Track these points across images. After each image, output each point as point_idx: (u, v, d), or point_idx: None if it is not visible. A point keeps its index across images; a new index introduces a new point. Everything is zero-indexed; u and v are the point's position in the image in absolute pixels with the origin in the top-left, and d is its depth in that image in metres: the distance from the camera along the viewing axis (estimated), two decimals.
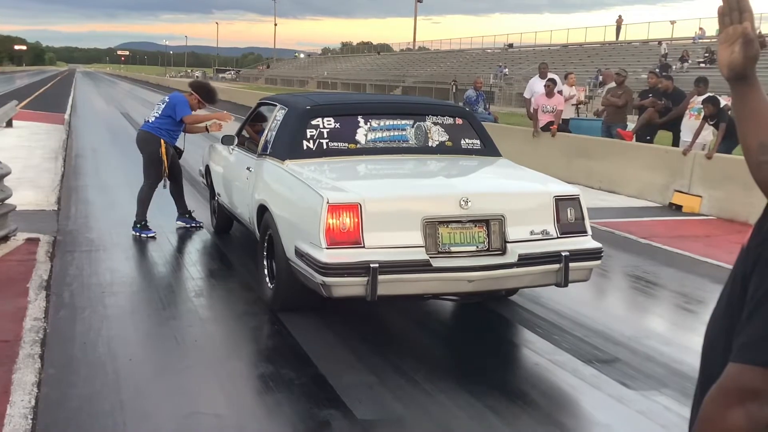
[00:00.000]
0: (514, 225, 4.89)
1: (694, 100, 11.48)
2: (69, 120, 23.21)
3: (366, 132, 5.86)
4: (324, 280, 4.59)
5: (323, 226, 4.64)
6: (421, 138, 5.97)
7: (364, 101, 6.68)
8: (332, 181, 5.21)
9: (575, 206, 5.12)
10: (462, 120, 6.22)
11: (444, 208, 4.82)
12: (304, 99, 6.34)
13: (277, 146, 5.92)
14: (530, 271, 4.87)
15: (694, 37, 50.39)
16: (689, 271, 7.20)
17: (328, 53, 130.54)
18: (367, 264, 4.53)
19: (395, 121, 5.98)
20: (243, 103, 38.46)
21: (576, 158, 12.94)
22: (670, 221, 9.90)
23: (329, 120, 5.83)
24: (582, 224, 5.15)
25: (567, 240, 5.00)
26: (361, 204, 4.69)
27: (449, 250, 4.78)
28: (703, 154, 10.53)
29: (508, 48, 68.81)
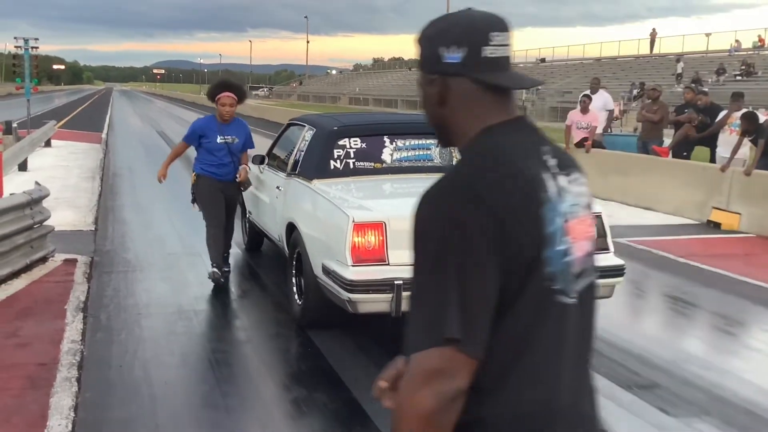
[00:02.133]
0: None
1: (733, 116, 11.38)
2: (106, 139, 23.70)
3: (391, 151, 5.99)
4: (350, 297, 4.71)
5: (349, 244, 4.77)
6: (445, 157, 6.08)
7: (390, 121, 6.79)
8: (358, 200, 5.34)
9: (597, 223, 5.17)
10: None
11: None
12: (331, 120, 6.49)
13: (305, 166, 6.07)
14: None
15: (730, 50, 49.83)
16: (728, 292, 7.12)
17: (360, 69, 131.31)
18: (392, 281, 4.65)
19: (420, 140, 6.10)
20: (276, 120, 38.88)
21: (612, 175, 12.87)
22: (709, 239, 9.79)
23: (356, 140, 5.97)
24: (604, 241, 5.20)
25: None
26: (385, 222, 4.81)
27: None
28: (742, 171, 10.42)
29: (540, 62, 68.71)
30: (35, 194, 7.11)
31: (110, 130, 28.80)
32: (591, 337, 1.57)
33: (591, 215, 1.57)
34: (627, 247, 8.66)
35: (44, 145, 18.91)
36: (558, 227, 1.41)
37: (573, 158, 1.60)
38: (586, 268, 1.51)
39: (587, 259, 1.52)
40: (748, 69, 42.02)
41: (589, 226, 1.54)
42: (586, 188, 1.57)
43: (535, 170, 1.43)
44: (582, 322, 1.50)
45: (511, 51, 1.51)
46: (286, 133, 7.35)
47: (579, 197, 1.51)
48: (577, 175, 1.54)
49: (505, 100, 1.52)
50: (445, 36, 1.48)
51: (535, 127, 1.55)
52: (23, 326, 5.43)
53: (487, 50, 1.46)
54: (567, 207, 1.45)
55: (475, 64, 1.46)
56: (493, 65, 1.47)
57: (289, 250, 5.95)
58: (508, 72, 1.51)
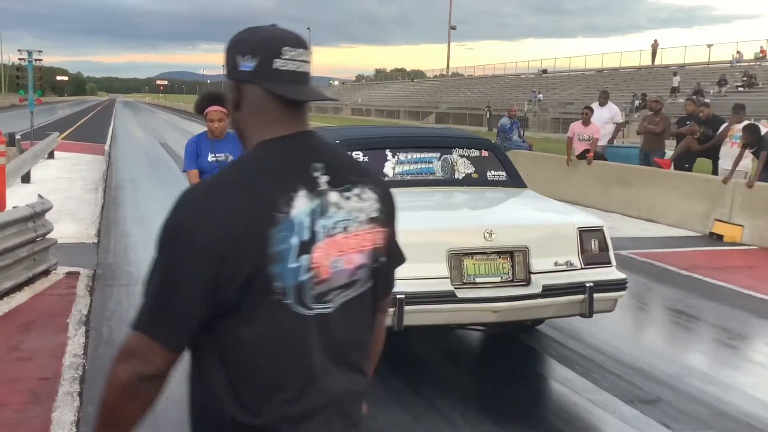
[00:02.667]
0: (538, 256, 4.97)
1: (734, 128, 11.40)
2: (109, 150, 23.74)
3: (394, 165, 5.99)
4: None
5: None
6: (447, 170, 6.09)
7: (392, 135, 6.81)
8: None
9: (599, 237, 5.17)
10: (488, 152, 6.33)
11: (469, 240, 4.92)
12: (333, 133, 6.50)
13: None
14: (554, 302, 4.94)
15: (732, 61, 49.96)
16: (731, 305, 7.12)
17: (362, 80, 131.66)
18: (394, 295, 4.63)
19: (422, 154, 6.11)
20: None
21: (613, 186, 12.91)
22: (712, 251, 9.80)
23: (358, 154, 5.97)
24: (606, 255, 5.19)
25: (591, 271, 5.05)
26: None
27: (474, 281, 4.87)
28: (744, 183, 10.45)
29: (542, 73, 68.87)
30: (38, 207, 7.13)
31: (113, 142, 28.86)
32: (358, 344, 1.67)
33: (374, 228, 1.65)
34: (630, 260, 8.67)
35: (47, 156, 18.95)
36: (292, 246, 1.50)
37: (363, 172, 1.69)
38: (358, 279, 1.62)
39: (359, 271, 1.62)
40: (749, 80, 42.13)
41: (365, 239, 1.62)
42: (373, 203, 1.65)
43: (282, 191, 1.52)
44: (343, 330, 1.60)
45: (306, 67, 1.61)
46: None
47: (355, 212, 1.60)
48: (359, 190, 1.63)
49: (295, 112, 1.62)
50: (242, 46, 1.60)
51: (313, 144, 1.63)
52: (25, 340, 5.44)
53: (278, 62, 1.57)
54: (328, 223, 1.55)
55: (266, 73, 1.57)
56: (283, 77, 1.57)
57: None
58: (299, 86, 1.59)
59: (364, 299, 1.66)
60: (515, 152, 15.75)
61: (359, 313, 1.66)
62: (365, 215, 1.63)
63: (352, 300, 1.62)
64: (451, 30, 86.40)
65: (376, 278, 1.69)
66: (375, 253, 1.66)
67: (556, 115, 47.54)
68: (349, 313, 1.61)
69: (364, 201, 1.63)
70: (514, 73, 76.38)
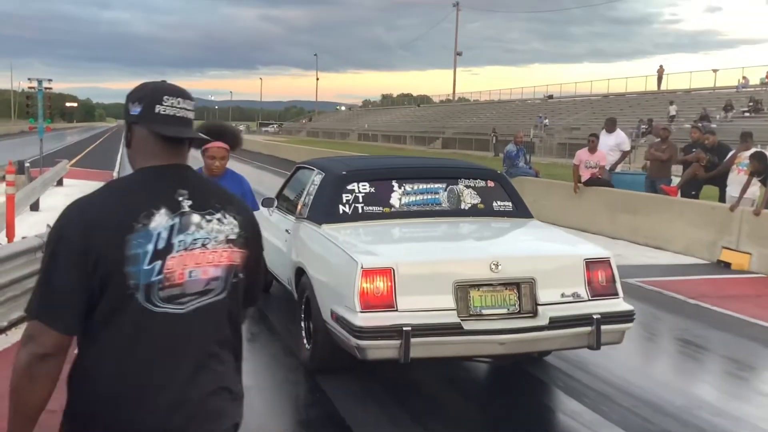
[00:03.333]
0: (545, 288, 4.97)
1: (741, 155, 11.42)
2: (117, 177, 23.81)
3: (400, 196, 6.02)
4: (358, 344, 4.71)
5: (358, 290, 4.78)
6: (453, 201, 6.12)
7: (398, 166, 6.85)
8: (366, 245, 5.37)
9: (606, 268, 5.18)
10: (494, 183, 6.36)
11: (475, 271, 4.93)
12: (340, 164, 6.54)
13: (314, 210, 6.11)
14: (562, 334, 4.93)
15: (738, 86, 49.92)
16: (740, 335, 7.11)
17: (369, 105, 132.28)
18: (400, 327, 4.65)
19: (428, 184, 6.15)
20: (285, 157, 39.11)
21: (620, 213, 12.91)
22: (719, 279, 9.77)
23: (364, 185, 6.01)
24: (613, 286, 5.19)
25: (598, 302, 5.06)
26: (394, 268, 4.82)
27: (480, 312, 4.87)
28: (751, 210, 10.44)
29: (547, 99, 69.03)
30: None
31: (122, 168, 28.99)
32: (214, 343, 1.98)
33: (231, 248, 1.99)
34: (638, 289, 8.65)
35: (56, 184, 19.04)
36: (147, 251, 1.85)
37: (227, 201, 2.05)
38: (212, 289, 1.96)
39: (213, 282, 1.96)
40: (755, 105, 42.06)
41: (221, 256, 1.97)
42: (233, 227, 2.01)
43: (145, 207, 1.89)
44: (197, 329, 1.93)
45: (185, 113, 2.01)
46: (296, 176, 7.41)
47: (214, 233, 1.97)
48: (221, 215, 2.00)
49: (172, 149, 2.00)
50: (134, 95, 2.01)
51: (183, 175, 2.00)
52: None
53: (158, 108, 1.97)
54: (187, 239, 1.91)
55: (149, 116, 1.97)
56: (163, 120, 1.97)
57: (297, 294, 5.98)
58: (175, 127, 1.98)
59: (220, 307, 1.98)
60: (521, 179, 15.76)
61: (215, 317, 1.98)
62: (224, 236, 1.99)
63: (207, 305, 1.95)
64: (457, 56, 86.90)
65: (236, 291, 2.03)
66: (231, 269, 2.00)
67: (563, 140, 47.58)
68: (204, 316, 1.94)
69: (224, 224, 1.99)
70: (520, 98, 76.60)
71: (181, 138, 2.01)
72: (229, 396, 2.01)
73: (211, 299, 1.96)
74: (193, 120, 2.07)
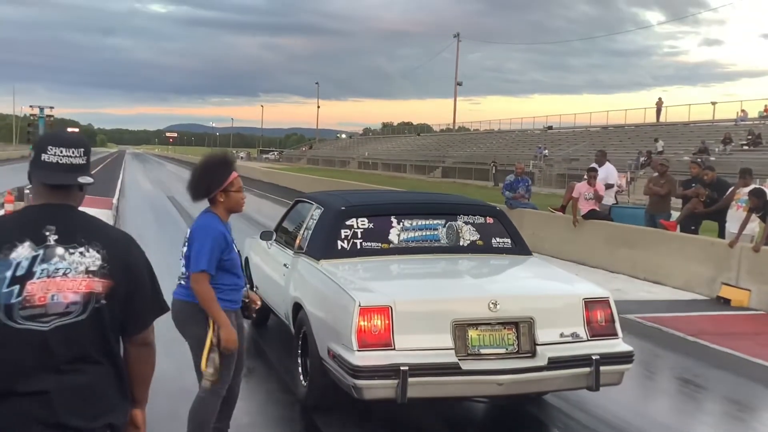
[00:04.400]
0: (544, 327, 4.94)
1: (740, 191, 11.42)
2: (117, 205, 23.80)
3: (399, 232, 6.01)
4: (355, 383, 4.67)
5: (355, 328, 4.75)
6: (452, 237, 6.10)
7: (397, 202, 6.85)
8: (364, 282, 5.35)
9: (605, 308, 5.15)
10: (493, 219, 6.34)
11: (473, 310, 4.90)
12: (339, 199, 6.53)
13: (312, 245, 6.09)
14: (560, 375, 4.90)
15: (736, 119, 50.10)
16: (740, 374, 7.05)
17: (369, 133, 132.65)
18: (398, 367, 4.61)
19: (427, 220, 6.14)
20: (286, 185, 39.13)
21: (620, 247, 12.88)
22: (719, 316, 9.69)
23: (363, 220, 6.00)
24: (612, 326, 5.16)
25: (597, 343, 5.02)
26: (391, 306, 4.80)
27: (479, 352, 4.84)
28: (750, 247, 10.38)
29: (547, 129, 69.27)
30: None
31: (122, 195, 28.99)
32: (78, 357, 2.27)
33: (91, 277, 2.27)
34: (637, 325, 8.61)
35: None
36: (5, 277, 2.19)
37: (95, 237, 2.32)
38: (72, 311, 2.25)
39: (72, 306, 2.25)
40: (754, 139, 42.16)
41: (81, 284, 2.26)
42: (95, 260, 2.29)
43: (9, 240, 2.23)
44: (60, 345, 2.23)
45: (71, 160, 2.34)
46: (295, 209, 7.40)
47: (75, 264, 2.27)
48: (84, 249, 2.29)
49: (56, 191, 2.34)
50: (33, 147, 2.44)
51: (56, 213, 2.32)
52: None
53: (44, 156, 2.33)
54: (50, 267, 2.23)
55: (37, 163, 2.34)
56: (47, 167, 2.32)
57: (295, 329, 5.94)
58: (58, 173, 2.32)
59: (80, 327, 2.26)
60: (521, 211, 15.74)
61: (75, 335, 2.26)
62: (84, 267, 2.28)
63: (68, 325, 2.25)
64: (457, 86, 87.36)
65: (100, 315, 2.29)
66: (90, 295, 2.28)
67: (562, 171, 47.67)
68: (67, 333, 2.24)
69: (86, 257, 2.28)
70: (520, 128, 76.88)
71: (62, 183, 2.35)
72: (94, 400, 2.30)
73: (71, 320, 2.26)
74: (83, 164, 2.38)
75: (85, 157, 2.39)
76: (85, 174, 2.39)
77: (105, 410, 2.33)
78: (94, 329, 2.30)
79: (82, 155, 2.37)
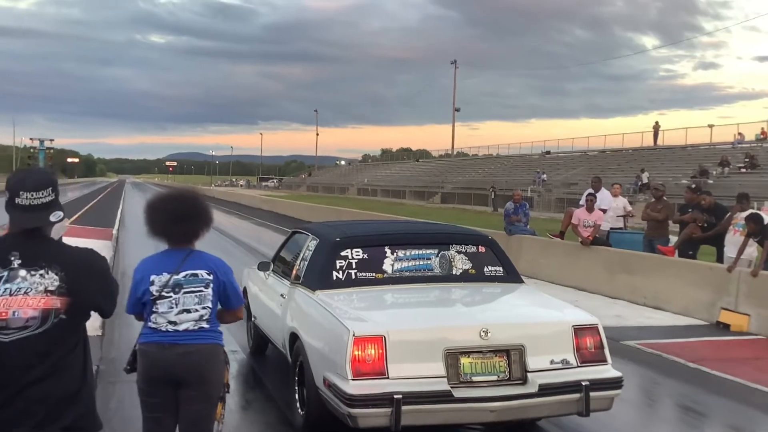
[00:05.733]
0: (534, 354, 5.05)
1: (737, 216, 11.43)
2: (117, 235, 23.81)
3: (393, 262, 6.13)
4: (350, 412, 4.77)
5: (349, 357, 4.86)
6: (445, 266, 6.22)
7: (391, 232, 6.97)
8: (358, 311, 5.46)
9: (594, 335, 5.26)
10: (485, 248, 6.47)
11: (465, 338, 5.02)
12: (334, 230, 6.66)
13: (308, 276, 6.21)
14: (551, 401, 4.99)
15: (734, 142, 50.30)
16: (740, 401, 7.05)
17: (369, 160, 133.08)
18: (391, 395, 4.72)
19: (420, 250, 6.26)
20: (285, 213, 39.26)
21: (619, 273, 12.88)
22: (719, 342, 9.69)
23: (358, 251, 6.13)
24: (602, 353, 5.27)
25: (587, 369, 5.13)
26: (385, 336, 4.91)
27: (471, 380, 4.94)
28: (749, 272, 10.38)
29: (545, 155, 69.55)
30: None
31: (121, 225, 29.07)
32: (35, 364, 2.60)
33: (50, 296, 2.64)
34: (637, 352, 8.65)
35: None
36: None
37: (54, 260, 2.68)
38: (30, 325, 2.61)
39: (31, 320, 2.61)
40: (751, 161, 42.33)
41: (39, 302, 2.63)
42: (54, 281, 2.66)
43: None
44: (17, 354, 2.58)
45: (40, 201, 2.71)
46: (292, 240, 7.52)
47: (35, 284, 2.64)
48: (44, 271, 2.66)
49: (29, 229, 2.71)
50: (7, 185, 2.77)
51: (21, 242, 2.69)
52: None
53: (17, 200, 2.70)
54: (13, 287, 2.62)
55: (11, 204, 2.71)
56: (21, 209, 2.70)
57: (292, 358, 6.04)
58: (30, 214, 2.69)
59: (37, 339, 2.61)
60: (520, 237, 15.84)
61: (34, 346, 2.61)
62: (43, 287, 2.65)
63: (28, 337, 2.60)
64: (455, 111, 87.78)
65: (60, 327, 2.65)
66: (48, 312, 2.64)
67: (561, 195, 47.86)
68: (25, 344, 2.60)
69: (45, 279, 2.66)
70: (518, 152, 77.21)
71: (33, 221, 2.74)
72: (58, 403, 2.64)
73: (30, 333, 2.62)
74: (53, 200, 2.75)
75: (53, 193, 2.75)
76: (55, 209, 2.75)
77: (61, 414, 2.65)
78: (51, 340, 2.65)
79: (51, 193, 2.74)
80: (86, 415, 2.78)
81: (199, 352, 3.88)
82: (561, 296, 11.55)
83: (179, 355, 3.84)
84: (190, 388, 3.88)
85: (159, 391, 3.93)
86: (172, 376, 3.87)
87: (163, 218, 4.02)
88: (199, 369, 3.88)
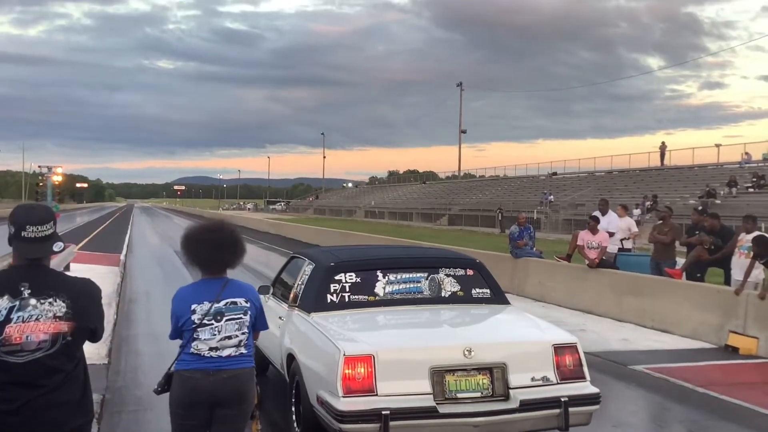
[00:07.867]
0: (516, 372, 5.32)
1: (743, 238, 11.38)
2: (124, 261, 23.94)
3: (384, 285, 6.43)
4: (341, 427, 5.05)
5: (340, 375, 5.14)
6: (434, 289, 6.51)
7: (382, 257, 7.28)
8: (350, 332, 5.76)
9: (573, 353, 5.53)
10: (473, 271, 6.75)
11: (449, 357, 5.30)
12: (329, 255, 6.97)
13: (304, 299, 6.50)
14: (532, 416, 5.26)
15: (741, 162, 50.17)
16: (749, 426, 6.96)
17: (375, 182, 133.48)
18: (380, 411, 4.99)
19: (411, 274, 6.56)
20: (293, 237, 39.48)
21: (627, 296, 12.81)
22: (727, 365, 9.56)
23: (351, 275, 6.43)
24: (580, 370, 5.53)
25: (566, 386, 5.39)
26: (374, 355, 5.19)
27: (455, 396, 5.22)
28: (756, 294, 10.28)
29: (552, 176, 69.73)
30: None
31: (129, 251, 29.28)
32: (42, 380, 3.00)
33: (58, 321, 3.02)
34: (645, 377, 8.65)
35: (63, 269, 19.27)
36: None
37: (60, 290, 3.06)
38: (41, 348, 2.99)
39: (42, 343, 2.99)
40: (759, 181, 42.24)
41: (49, 327, 3.01)
42: (61, 307, 3.03)
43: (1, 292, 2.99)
44: (30, 373, 2.97)
45: (44, 234, 3.09)
46: (290, 265, 7.80)
47: (45, 311, 3.01)
48: (52, 299, 3.03)
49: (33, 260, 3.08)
50: (11, 218, 3.13)
51: (30, 272, 3.06)
52: None
53: (23, 233, 3.07)
54: (25, 314, 2.97)
55: (17, 237, 3.09)
56: (26, 241, 3.07)
57: (289, 378, 6.32)
58: (35, 245, 3.07)
59: (48, 359, 2.99)
60: (526, 260, 15.92)
61: (47, 364, 2.99)
62: (52, 314, 3.02)
63: (39, 358, 2.98)
64: (461, 133, 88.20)
65: (67, 347, 3.04)
66: (57, 335, 3.01)
67: (568, 216, 48.06)
68: (37, 364, 2.98)
69: (54, 306, 3.03)
70: (525, 173, 77.45)
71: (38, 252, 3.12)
72: (65, 409, 3.04)
73: (42, 354, 3.00)
74: (53, 232, 3.13)
75: (53, 227, 3.16)
76: (55, 240, 3.15)
77: (68, 419, 3.07)
78: (59, 359, 3.04)
79: (52, 226, 3.13)
80: (89, 422, 3.20)
81: (241, 375, 4.15)
82: (568, 320, 12.05)
83: (224, 379, 4.06)
84: (228, 408, 4.10)
85: (196, 413, 4.09)
86: (213, 399, 4.07)
87: (204, 249, 4.23)
88: (241, 391, 4.14)
